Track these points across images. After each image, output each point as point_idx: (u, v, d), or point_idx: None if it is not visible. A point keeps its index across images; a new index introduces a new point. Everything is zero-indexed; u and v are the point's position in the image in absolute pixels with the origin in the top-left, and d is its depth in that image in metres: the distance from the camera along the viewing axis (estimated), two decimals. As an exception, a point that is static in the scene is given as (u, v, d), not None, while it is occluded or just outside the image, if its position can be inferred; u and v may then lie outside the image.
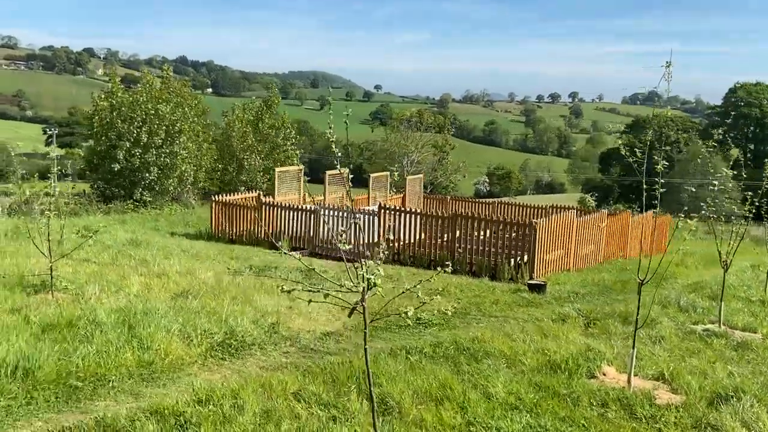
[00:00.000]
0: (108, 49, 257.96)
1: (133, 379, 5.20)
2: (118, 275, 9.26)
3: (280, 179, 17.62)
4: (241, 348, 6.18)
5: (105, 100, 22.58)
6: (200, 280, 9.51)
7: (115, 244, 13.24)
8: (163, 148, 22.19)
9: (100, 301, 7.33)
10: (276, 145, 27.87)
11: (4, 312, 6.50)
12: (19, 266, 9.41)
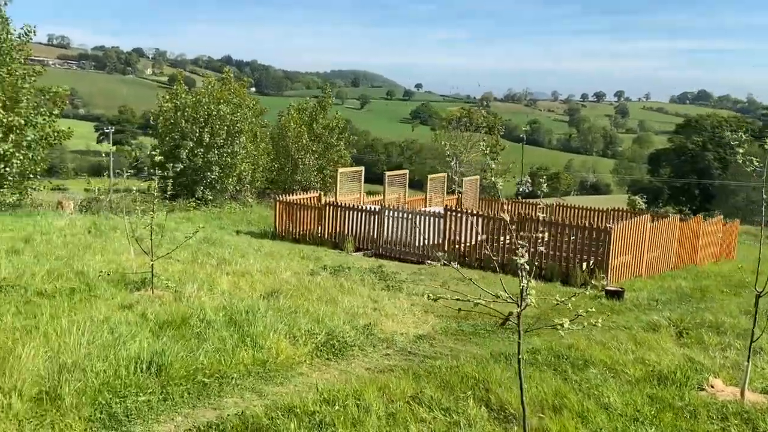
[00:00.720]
0: (156, 49, 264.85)
1: (251, 376, 5.39)
2: (205, 273, 9.58)
3: (342, 179, 17.85)
4: (343, 349, 6.33)
5: (169, 101, 23.27)
6: (282, 279, 9.76)
7: (190, 242, 13.67)
8: (224, 147, 22.74)
9: (199, 299, 7.60)
10: (329, 144, 28.20)
11: (116, 308, 6.82)
12: (112, 263, 9.84)
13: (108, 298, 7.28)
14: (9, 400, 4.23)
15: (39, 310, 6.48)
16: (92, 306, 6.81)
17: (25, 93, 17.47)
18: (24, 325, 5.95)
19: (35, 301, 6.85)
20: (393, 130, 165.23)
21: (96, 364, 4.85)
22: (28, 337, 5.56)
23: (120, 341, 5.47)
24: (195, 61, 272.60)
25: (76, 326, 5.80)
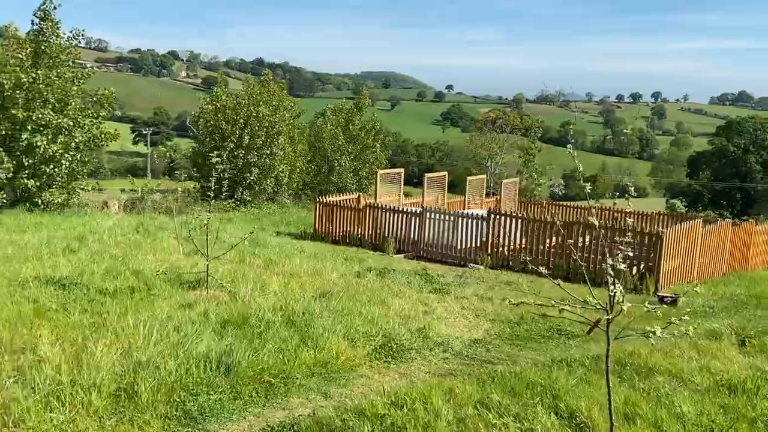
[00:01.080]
0: (190, 52, 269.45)
1: (314, 377, 5.43)
2: (255, 274, 9.67)
3: (382, 181, 17.87)
4: (401, 352, 6.32)
5: (210, 103, 23.64)
6: (330, 281, 9.81)
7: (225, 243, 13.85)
8: (263, 149, 23.00)
9: (254, 299, 7.69)
10: (365, 146, 28.28)
11: (176, 307, 6.94)
12: (164, 262, 10.01)
13: (167, 297, 7.41)
14: (89, 397, 4.33)
15: (103, 308, 6.64)
16: (153, 304, 6.94)
17: (73, 95, 17.93)
18: (91, 323, 6.10)
19: (98, 299, 7.01)
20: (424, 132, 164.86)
21: (168, 362, 4.93)
22: (97, 334, 5.69)
23: (186, 340, 5.55)
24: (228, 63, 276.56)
25: (143, 324, 5.91)
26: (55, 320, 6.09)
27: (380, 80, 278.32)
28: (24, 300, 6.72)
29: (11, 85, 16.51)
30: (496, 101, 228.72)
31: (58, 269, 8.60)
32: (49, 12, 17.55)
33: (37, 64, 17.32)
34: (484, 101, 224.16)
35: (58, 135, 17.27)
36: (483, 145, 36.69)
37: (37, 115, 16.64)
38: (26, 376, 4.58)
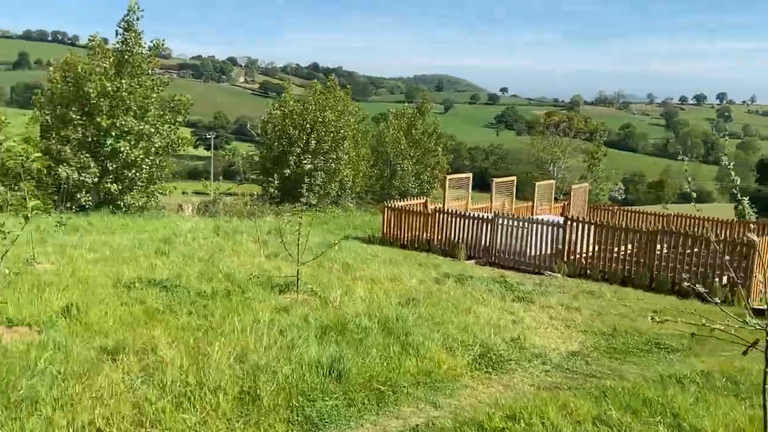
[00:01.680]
0: (248, 58, 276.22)
1: (420, 386, 5.43)
2: (336, 278, 9.80)
3: (450, 186, 17.79)
4: (500, 362, 6.25)
5: (278, 108, 24.16)
6: (410, 287, 9.83)
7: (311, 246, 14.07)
8: (329, 153, 23.32)
9: (343, 304, 7.78)
10: (427, 150, 28.25)
11: (273, 310, 7.09)
12: (247, 265, 10.27)
13: (261, 301, 7.58)
14: (216, 398, 4.47)
15: (206, 310, 6.86)
16: (251, 308, 7.11)
17: (152, 102, 18.67)
18: (199, 325, 6.30)
19: (200, 302, 7.25)
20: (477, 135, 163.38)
21: (284, 367, 5.04)
22: (207, 336, 5.88)
23: (294, 344, 5.67)
24: (284, 68, 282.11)
25: (249, 328, 6.07)
26: (165, 322, 6.32)
27: (433, 83, 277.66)
28: (132, 301, 7.01)
29: (97, 94, 17.34)
30: (552, 103, 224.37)
31: (155, 271, 8.94)
32: (132, 23, 18.36)
33: (120, 73, 18.13)
34: (539, 104, 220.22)
35: (140, 141, 18.02)
36: (545, 148, 35.99)
37: (121, 122, 17.40)
38: (153, 377, 4.77)
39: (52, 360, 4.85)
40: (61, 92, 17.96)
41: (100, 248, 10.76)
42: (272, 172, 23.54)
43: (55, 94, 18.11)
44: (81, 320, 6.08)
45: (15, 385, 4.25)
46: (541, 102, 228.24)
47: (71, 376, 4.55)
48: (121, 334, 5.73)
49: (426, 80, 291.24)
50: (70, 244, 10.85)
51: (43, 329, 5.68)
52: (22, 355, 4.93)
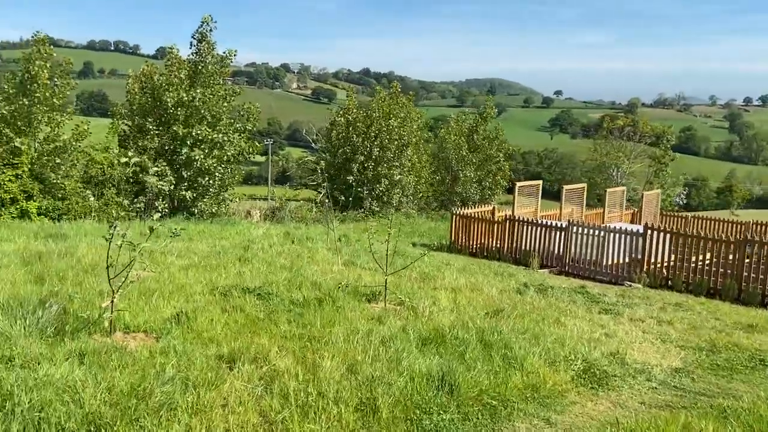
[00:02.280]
0: (301, 64, 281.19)
1: (528, 402, 5.37)
2: (418, 288, 9.82)
3: (520, 193, 17.58)
4: (604, 378, 6.12)
5: (342, 116, 24.47)
6: (491, 296, 9.75)
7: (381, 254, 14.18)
8: (393, 161, 23.44)
9: (432, 314, 7.79)
10: (489, 156, 28.01)
11: (366, 319, 7.17)
12: (327, 273, 10.42)
13: (352, 310, 7.66)
14: (338, 410, 4.55)
15: (304, 319, 6.99)
16: (345, 317, 7.21)
17: (224, 111, 19.25)
18: (300, 334, 6.43)
19: (295, 310, 7.40)
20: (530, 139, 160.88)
21: (397, 379, 5.08)
22: (311, 345, 5.99)
23: (399, 356, 5.71)
24: (336, 74, 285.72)
25: (350, 337, 6.16)
26: (268, 330, 6.48)
27: (485, 87, 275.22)
28: (232, 309, 7.22)
29: (173, 104, 18.01)
30: (609, 106, 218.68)
31: (243, 278, 9.19)
32: (206, 34, 19.00)
33: (194, 83, 18.78)
34: (596, 106, 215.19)
35: (213, 149, 18.60)
36: (608, 153, 35.09)
37: (196, 131, 18.01)
38: (273, 386, 4.90)
39: (178, 367, 5.05)
40: (139, 102, 18.74)
41: (186, 255, 11.13)
42: (335, 178, 23.84)
43: (133, 104, 18.91)
44: (191, 327, 6.30)
45: (152, 392, 4.45)
46: (598, 105, 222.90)
47: (200, 383, 4.72)
48: (231, 342, 5.91)
49: (478, 84, 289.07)
50: (158, 250, 11.28)
51: (161, 336, 5.92)
52: (148, 361, 5.15)
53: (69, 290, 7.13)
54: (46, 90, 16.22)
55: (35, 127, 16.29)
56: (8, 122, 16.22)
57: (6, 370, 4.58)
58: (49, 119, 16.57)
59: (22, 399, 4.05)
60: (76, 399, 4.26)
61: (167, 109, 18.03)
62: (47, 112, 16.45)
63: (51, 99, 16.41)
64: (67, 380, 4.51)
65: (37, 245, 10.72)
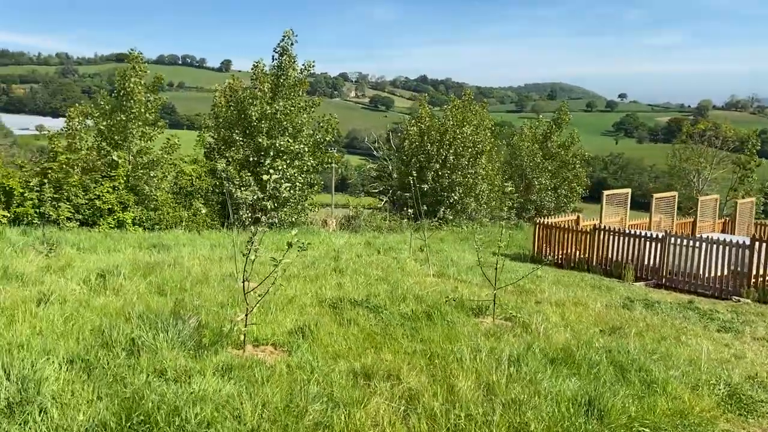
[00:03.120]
0: (359, 73, 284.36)
1: (678, 429, 5.08)
2: (521, 301, 9.59)
3: (608, 202, 17.00)
4: (751, 404, 5.73)
5: (414, 125, 24.45)
6: (599, 311, 9.41)
7: (469, 263, 14.00)
8: (467, 169, 23.20)
9: (547, 331, 7.56)
10: (564, 163, 27.32)
11: (482, 335, 7.02)
12: (422, 284, 10.34)
13: (464, 325, 7.54)
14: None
15: (419, 334, 6.91)
16: (458, 332, 7.08)
17: (305, 123, 19.56)
18: (422, 350, 6.35)
19: (407, 324, 7.33)
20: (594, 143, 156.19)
21: (541, 403, 4.91)
22: (436, 362, 5.89)
23: (534, 377, 5.53)
24: (393, 82, 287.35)
25: (477, 356, 6.03)
26: (388, 345, 6.44)
27: (545, 91, 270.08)
28: (347, 323, 7.23)
29: (258, 116, 18.45)
30: (677, 109, 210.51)
31: (344, 289, 9.22)
32: (287, 48, 19.39)
33: (276, 96, 19.19)
34: (663, 110, 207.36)
35: (294, 160, 18.92)
36: (689, 158, 33.60)
37: (279, 143, 18.38)
38: (415, 406, 4.82)
39: (318, 382, 5.06)
40: (225, 115, 19.30)
41: (285, 266, 11.28)
42: (409, 187, 23.78)
43: (219, 116, 19.50)
44: (315, 341, 6.34)
45: (305, 409, 4.46)
46: (666, 108, 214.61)
47: (347, 401, 4.70)
48: (359, 358, 5.90)
49: (537, 88, 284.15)
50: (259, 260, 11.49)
51: (291, 350, 5.97)
52: (289, 377, 5.19)
53: (193, 302, 7.32)
54: (141, 105, 16.92)
55: (130, 141, 17.00)
56: (105, 137, 17.00)
57: (163, 383, 4.70)
58: (143, 133, 17.26)
59: (189, 414, 4.13)
60: (235, 415, 4.32)
61: (251, 121, 18.48)
62: (141, 126, 17.15)
63: (144, 114, 17.10)
64: (221, 395, 4.58)
65: (143, 255, 11.14)
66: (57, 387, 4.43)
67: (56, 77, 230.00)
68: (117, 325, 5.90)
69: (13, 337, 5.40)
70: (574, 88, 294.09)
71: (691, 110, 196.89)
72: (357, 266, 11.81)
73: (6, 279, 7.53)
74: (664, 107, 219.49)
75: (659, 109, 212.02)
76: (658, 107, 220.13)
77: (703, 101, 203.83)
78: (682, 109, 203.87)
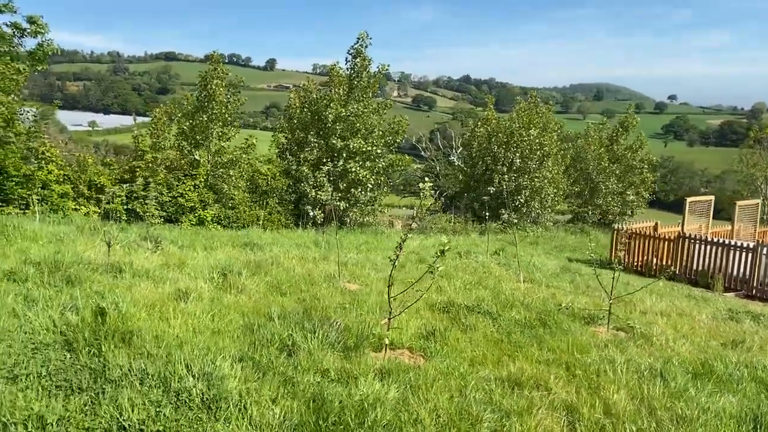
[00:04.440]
0: (402, 72, 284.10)
1: None
2: (629, 311, 9.44)
3: (690, 209, 16.59)
4: None
5: (481, 126, 24.34)
6: (704, 323, 9.21)
7: (550, 268, 13.88)
8: (534, 172, 22.98)
9: (668, 343, 7.44)
10: (630, 167, 26.77)
11: (603, 346, 6.95)
12: (515, 290, 10.28)
13: (581, 334, 7.48)
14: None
15: (541, 342, 6.90)
16: (581, 341, 7.03)
17: (376, 124, 19.71)
18: (553, 359, 6.34)
19: (526, 332, 7.32)
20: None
21: (710, 420, 4.85)
22: (574, 371, 5.88)
23: (682, 391, 5.46)
24: (435, 81, 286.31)
25: (608, 367, 5.99)
26: (522, 353, 6.45)
27: (591, 92, 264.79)
28: (468, 328, 7.27)
29: (333, 118, 18.68)
30: (730, 111, 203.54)
31: (446, 293, 9.27)
32: (361, 50, 19.56)
33: (349, 98, 19.39)
34: (715, 112, 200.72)
35: (366, 161, 19.09)
36: (756, 164, 32.43)
37: (353, 144, 18.57)
38: (576, 418, 4.83)
39: (476, 389, 5.11)
40: (299, 117, 19.61)
41: (372, 267, 11.40)
42: (475, 189, 23.72)
43: (293, 118, 19.82)
44: (448, 346, 6.40)
45: (479, 417, 4.52)
46: (717, 110, 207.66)
47: (512, 410, 4.74)
48: (497, 365, 5.93)
49: (583, 89, 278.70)
50: (349, 261, 11.66)
51: (427, 355, 6.05)
52: (442, 381, 5.26)
53: (320, 303, 7.48)
54: (222, 106, 17.34)
55: (210, 141, 17.45)
56: (187, 136, 17.49)
57: (333, 384, 4.84)
58: (222, 134, 17.69)
59: (378, 417, 4.23)
60: (414, 419, 4.41)
61: (326, 123, 18.72)
62: (221, 127, 17.58)
63: (224, 115, 17.52)
64: (388, 398, 4.68)
65: (240, 254, 11.43)
66: (238, 385, 4.61)
67: (108, 75, 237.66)
68: (263, 324, 6.09)
69: (174, 334, 5.62)
70: (620, 89, 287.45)
71: (745, 113, 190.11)
72: (446, 270, 11.82)
73: (137, 275, 7.84)
74: (715, 109, 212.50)
75: (710, 112, 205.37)
76: (710, 109, 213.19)
77: (758, 103, 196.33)
78: (735, 112, 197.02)
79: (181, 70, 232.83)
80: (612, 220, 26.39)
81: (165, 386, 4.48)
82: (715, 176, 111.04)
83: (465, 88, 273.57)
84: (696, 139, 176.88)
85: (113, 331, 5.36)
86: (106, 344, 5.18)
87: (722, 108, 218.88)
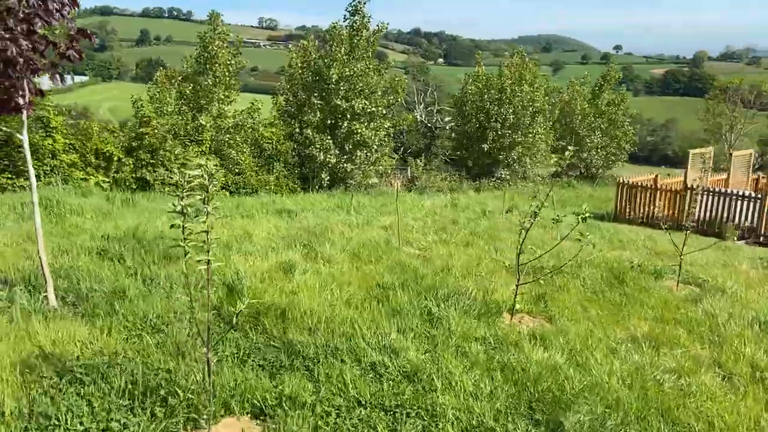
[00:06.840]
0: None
1: None
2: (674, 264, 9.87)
3: (692, 161, 17.23)
4: None
5: (472, 84, 24.30)
6: (751, 274, 9.73)
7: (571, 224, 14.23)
8: (528, 128, 23.26)
9: (741, 295, 7.87)
10: (613, 121, 27.43)
11: (685, 301, 7.31)
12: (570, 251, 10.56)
13: (658, 289, 7.81)
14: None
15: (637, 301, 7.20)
16: (664, 297, 7.35)
17: (378, 84, 19.41)
18: (659, 316, 6.64)
19: (614, 290, 7.60)
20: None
21: None
22: (690, 329, 6.19)
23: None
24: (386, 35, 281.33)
25: (729, 322, 6.33)
26: (626, 312, 6.72)
27: (539, 44, 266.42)
28: (561, 289, 7.48)
29: (337, 78, 18.27)
30: (672, 60, 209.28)
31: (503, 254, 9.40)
32: (359, 7, 19.04)
33: (350, 58, 18.96)
34: (658, 61, 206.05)
35: (371, 122, 18.87)
36: (722, 114, 33.83)
37: (357, 104, 18.28)
38: (729, 374, 5.12)
39: (629, 351, 5.34)
40: (300, 78, 19.09)
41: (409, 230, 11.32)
42: (468, 147, 23.87)
43: (294, 79, 19.28)
44: (556, 306, 6.60)
45: (658, 378, 4.74)
46: (660, 59, 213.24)
47: (679, 370, 4.99)
48: (617, 325, 6.19)
49: (531, 41, 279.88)
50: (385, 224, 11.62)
51: (551, 319, 6.24)
52: (594, 345, 5.46)
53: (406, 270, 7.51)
54: (225, 68, 16.70)
55: (212, 105, 16.86)
56: (189, 100, 16.82)
57: (501, 351, 4.96)
58: (225, 97, 17.10)
59: (575, 385, 4.39)
60: (604, 383, 4.59)
61: (330, 83, 18.30)
62: (224, 90, 16.97)
63: (227, 78, 16.89)
64: (559, 363, 4.85)
65: (281, 222, 11.23)
66: (418, 355, 4.67)
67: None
68: (386, 294, 6.14)
69: (315, 307, 5.58)
70: (567, 40, 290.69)
71: (687, 62, 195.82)
72: (478, 230, 11.92)
73: (224, 248, 7.68)
74: (658, 59, 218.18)
75: (654, 61, 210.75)
76: (653, 59, 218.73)
77: (699, 52, 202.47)
78: (678, 61, 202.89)
79: (119, 25, 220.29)
80: (595, 174, 27.13)
81: (358, 361, 4.51)
82: (661, 125, 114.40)
83: (416, 41, 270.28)
84: (641, 88, 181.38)
85: (267, 307, 5.32)
86: (267, 320, 5.14)
87: (665, 57, 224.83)
